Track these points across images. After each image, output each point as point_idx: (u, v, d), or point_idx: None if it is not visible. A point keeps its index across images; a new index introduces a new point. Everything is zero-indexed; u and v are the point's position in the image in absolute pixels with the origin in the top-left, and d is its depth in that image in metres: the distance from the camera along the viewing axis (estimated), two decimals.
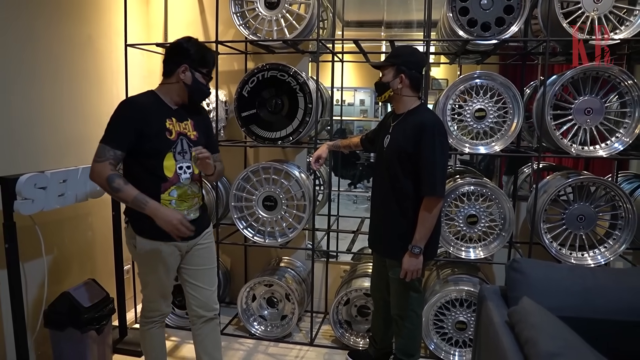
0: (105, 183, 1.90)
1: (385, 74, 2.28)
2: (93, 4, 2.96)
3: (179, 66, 2.02)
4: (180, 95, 2.08)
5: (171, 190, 2.05)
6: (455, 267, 3.06)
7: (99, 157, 1.92)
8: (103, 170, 1.91)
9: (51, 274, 2.61)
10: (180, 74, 2.02)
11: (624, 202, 2.64)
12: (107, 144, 1.93)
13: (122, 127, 1.96)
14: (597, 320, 1.84)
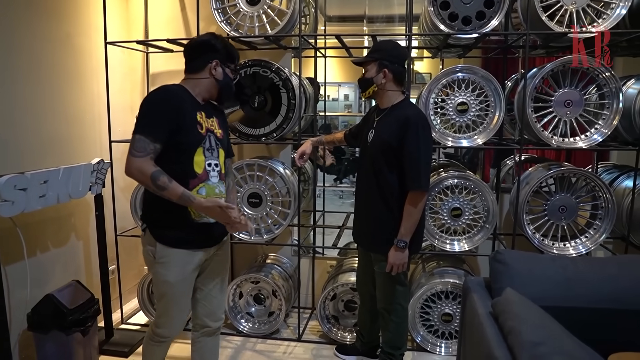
0: (149, 181, 1.78)
1: (368, 70, 2.28)
2: (71, 1, 2.91)
3: (210, 62, 1.96)
4: (209, 90, 2.00)
5: (199, 187, 1.92)
6: (440, 259, 3.09)
7: (139, 151, 1.78)
8: (145, 166, 1.78)
9: (34, 276, 2.58)
10: (211, 69, 1.96)
11: (604, 193, 2.68)
12: (147, 136, 1.79)
13: (161, 117, 1.82)
14: (579, 309, 1.87)
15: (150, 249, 1.95)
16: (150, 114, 1.83)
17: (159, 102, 1.85)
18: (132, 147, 1.78)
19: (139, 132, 1.80)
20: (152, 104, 1.85)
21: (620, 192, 2.87)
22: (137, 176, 1.80)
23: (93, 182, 2.74)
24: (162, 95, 1.87)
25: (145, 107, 1.84)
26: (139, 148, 1.78)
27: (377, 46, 2.35)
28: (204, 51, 1.97)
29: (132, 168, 1.79)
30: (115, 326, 3.05)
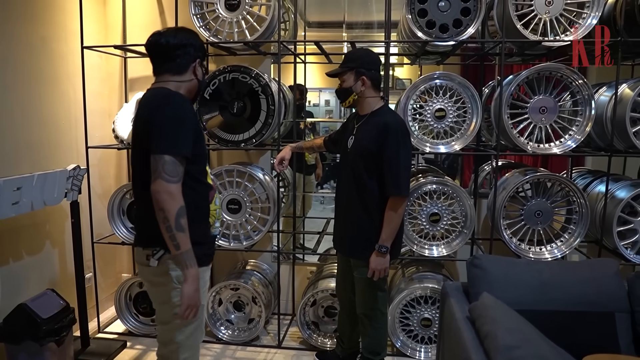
0: (174, 213, 1.56)
1: (346, 80, 2.29)
2: (46, 4, 2.86)
3: (194, 62, 1.79)
4: (191, 92, 1.84)
5: (215, 199, 1.84)
6: (419, 265, 3.11)
7: (172, 176, 1.57)
8: (178, 194, 1.58)
9: (6, 285, 2.52)
10: (195, 69, 1.80)
11: (578, 198, 2.74)
12: (176, 157, 1.58)
13: (187, 133, 1.63)
14: (554, 312, 1.91)
15: (174, 276, 1.70)
16: (173, 128, 1.61)
17: (183, 116, 1.65)
18: (163, 170, 1.56)
19: (168, 152, 1.58)
20: (176, 119, 1.62)
21: (594, 197, 2.93)
22: (165, 202, 1.56)
23: (69, 188, 2.70)
24: (183, 107, 1.67)
25: (170, 122, 1.61)
26: (172, 172, 1.57)
27: (350, 55, 2.36)
28: (187, 50, 1.78)
29: (163, 192, 1.56)
30: (91, 335, 2.99)
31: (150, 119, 1.62)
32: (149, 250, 1.71)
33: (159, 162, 1.57)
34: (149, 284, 1.83)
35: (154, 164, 1.58)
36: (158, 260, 1.69)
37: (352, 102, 2.33)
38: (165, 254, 1.69)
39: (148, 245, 1.72)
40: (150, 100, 1.72)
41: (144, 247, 1.74)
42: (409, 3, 2.69)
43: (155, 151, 1.58)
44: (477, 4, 2.66)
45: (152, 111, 1.64)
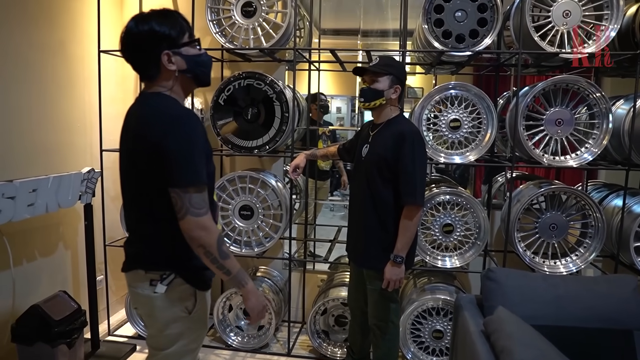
0: (215, 245, 1.43)
1: (380, 82, 2.24)
2: (65, 9, 2.90)
3: (160, 58, 1.45)
4: (186, 89, 1.57)
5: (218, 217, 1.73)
6: (431, 275, 3.09)
7: (200, 208, 1.41)
8: (212, 225, 1.44)
9: (19, 286, 2.54)
10: (168, 66, 1.46)
11: (594, 211, 2.70)
12: (200, 186, 1.42)
13: (199, 156, 1.44)
14: (570, 328, 1.88)
15: (183, 304, 1.54)
16: (193, 157, 1.41)
17: (196, 138, 1.43)
18: (190, 205, 1.40)
19: (190, 183, 1.40)
20: (189, 143, 1.42)
21: (610, 211, 2.89)
22: (202, 238, 1.41)
23: (83, 191, 2.71)
24: (193, 125, 1.44)
25: (185, 148, 1.40)
26: (199, 204, 1.41)
27: (388, 61, 2.30)
28: (142, 50, 1.47)
29: (197, 229, 1.41)
30: (102, 338, 3.00)
31: (161, 144, 1.39)
32: (156, 273, 1.50)
33: (185, 198, 1.40)
34: (148, 312, 1.57)
35: (178, 200, 1.40)
36: (167, 285, 1.49)
37: (375, 107, 2.30)
38: (177, 279, 1.51)
39: (154, 268, 1.51)
40: (146, 117, 1.47)
41: (147, 270, 1.51)
42: (425, 13, 2.69)
43: (176, 184, 1.40)
44: (494, 14, 2.65)
45: (156, 136, 1.41)
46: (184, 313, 1.54)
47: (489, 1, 2.65)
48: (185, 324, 1.56)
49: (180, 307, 1.53)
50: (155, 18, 1.45)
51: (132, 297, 1.63)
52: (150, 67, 1.48)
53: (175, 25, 1.47)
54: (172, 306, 1.53)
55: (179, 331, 1.56)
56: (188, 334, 1.57)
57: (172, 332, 1.55)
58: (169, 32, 1.45)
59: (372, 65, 2.25)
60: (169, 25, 1.46)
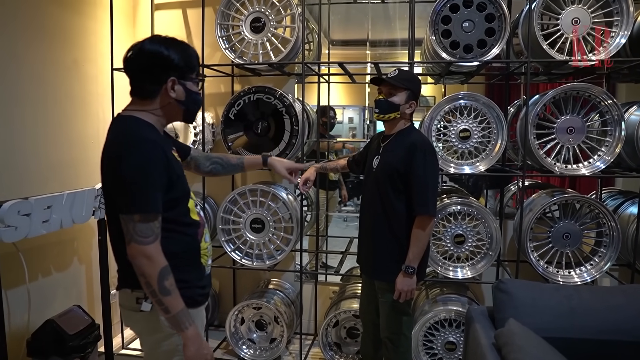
0: (156, 278, 1.40)
1: (398, 96, 2.25)
2: (79, 28, 2.97)
3: (165, 82, 1.49)
4: (172, 116, 1.59)
5: (205, 235, 1.65)
6: (443, 286, 3.06)
7: (146, 236, 1.39)
8: (157, 256, 1.41)
9: (35, 301, 2.58)
10: (169, 91, 1.50)
11: (608, 220, 2.66)
12: (147, 215, 1.40)
13: (153, 183, 1.42)
14: (583, 340, 1.85)
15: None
16: (139, 183, 1.40)
17: (143, 163, 1.41)
18: (134, 233, 1.39)
19: (136, 211, 1.39)
20: (135, 168, 1.40)
21: (625, 219, 2.85)
22: (143, 267, 1.40)
23: (96, 206, 2.76)
24: (141, 150, 1.42)
25: (127, 173, 1.39)
26: (144, 232, 1.39)
27: (408, 76, 2.31)
28: (154, 70, 1.50)
29: (140, 257, 1.40)
30: (115, 351, 3.03)
31: (115, 168, 1.41)
32: (141, 292, 1.48)
33: (129, 224, 1.39)
34: (138, 330, 1.60)
35: (125, 226, 1.41)
36: (152, 303, 1.48)
37: (389, 119, 2.32)
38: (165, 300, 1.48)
39: (139, 287, 1.46)
40: (112, 140, 1.48)
41: (133, 289, 1.51)
42: (432, 24, 2.69)
43: (123, 211, 1.41)
44: (501, 24, 2.65)
45: (113, 159, 1.43)
46: (172, 330, 1.51)
47: (496, 11, 2.65)
48: (176, 341, 1.53)
49: (167, 324, 1.50)
50: (177, 46, 1.52)
51: (123, 316, 1.62)
52: (152, 86, 1.51)
53: (190, 60, 1.54)
54: (159, 324, 1.52)
55: (172, 348, 1.54)
56: (181, 350, 1.52)
57: (165, 350, 1.55)
58: (183, 63, 1.51)
59: (391, 78, 2.25)
60: (186, 58, 1.52)
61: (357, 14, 4.04)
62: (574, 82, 2.83)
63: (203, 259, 1.63)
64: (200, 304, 1.64)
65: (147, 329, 1.55)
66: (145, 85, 1.52)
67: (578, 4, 2.61)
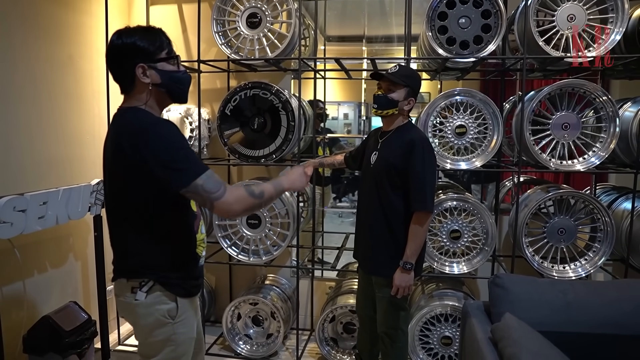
0: (252, 202, 1.50)
1: (397, 92, 2.25)
2: (74, 24, 2.95)
3: (133, 71, 1.49)
4: (160, 102, 1.58)
5: (201, 226, 1.69)
6: (439, 281, 3.08)
7: (217, 189, 1.44)
8: (239, 194, 1.49)
9: (30, 297, 2.57)
10: (142, 78, 1.50)
11: (603, 215, 2.68)
12: (202, 172, 1.43)
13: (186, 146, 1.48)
14: (579, 334, 1.87)
15: (165, 310, 1.55)
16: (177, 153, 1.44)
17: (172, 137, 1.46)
18: (207, 193, 1.42)
19: (195, 176, 1.42)
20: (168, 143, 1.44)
21: (619, 214, 2.87)
22: (239, 211, 1.49)
23: (92, 202, 2.74)
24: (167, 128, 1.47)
25: (165, 149, 1.42)
26: (213, 188, 1.43)
27: (408, 72, 2.31)
28: (119, 62, 1.51)
29: (232, 208, 1.46)
30: (112, 348, 3.02)
31: (141, 158, 1.42)
32: (136, 281, 1.54)
33: (198, 191, 1.42)
34: (133, 320, 1.61)
35: (196, 197, 1.46)
36: (147, 292, 1.52)
37: (387, 115, 2.32)
38: (155, 286, 1.54)
39: (134, 276, 1.54)
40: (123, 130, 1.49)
41: (129, 279, 1.55)
42: (429, 20, 2.70)
43: (181, 186, 1.43)
44: (497, 20, 2.65)
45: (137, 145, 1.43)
46: (166, 319, 1.55)
47: (492, 7, 2.65)
48: (170, 330, 1.57)
49: (161, 313, 1.55)
50: (136, 33, 1.51)
51: (118, 306, 1.65)
52: (126, 79, 1.52)
53: (154, 41, 1.51)
54: (153, 313, 1.55)
55: (165, 337, 1.57)
56: (174, 339, 1.58)
57: (158, 339, 1.58)
58: (147, 46, 1.49)
59: (391, 74, 2.25)
60: (148, 40, 1.50)
61: (353, 9, 4.03)
62: (569, 78, 2.84)
63: (198, 249, 1.66)
64: (193, 294, 1.67)
65: (141, 318, 1.56)
66: (120, 80, 1.53)
67: (573, 0, 2.62)
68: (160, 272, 1.54)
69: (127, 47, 1.48)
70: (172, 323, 1.56)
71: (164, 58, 1.53)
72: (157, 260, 1.54)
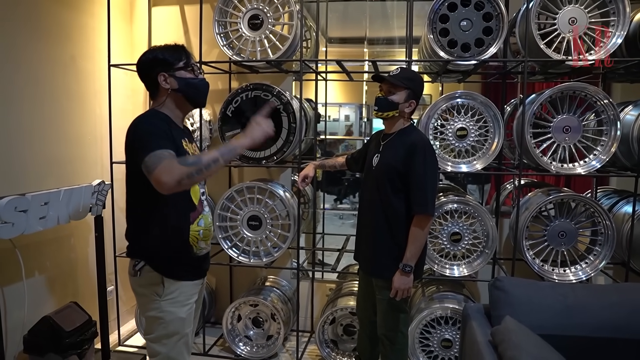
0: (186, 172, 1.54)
1: (397, 94, 2.25)
2: (76, 24, 2.96)
3: (157, 79, 1.77)
4: (180, 106, 1.83)
5: (199, 220, 1.83)
6: (440, 284, 3.08)
7: (155, 163, 1.55)
8: (171, 166, 1.54)
9: (31, 297, 2.57)
10: (163, 85, 1.77)
11: (603, 219, 2.68)
12: (159, 149, 1.58)
13: (160, 138, 1.63)
14: (579, 338, 1.87)
15: (153, 288, 1.76)
16: (147, 137, 1.63)
17: (152, 126, 1.68)
18: (150, 168, 1.56)
19: (146, 154, 1.57)
20: (144, 130, 1.66)
21: (620, 218, 2.87)
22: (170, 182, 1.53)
23: (93, 203, 2.75)
24: (151, 120, 1.72)
25: (139, 135, 1.66)
26: (154, 162, 1.55)
27: (408, 74, 2.31)
28: (145, 74, 1.81)
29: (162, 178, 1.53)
30: (112, 348, 3.02)
31: (128, 140, 1.70)
32: (134, 261, 1.80)
33: (145, 166, 1.58)
34: (135, 293, 1.86)
35: (147, 174, 1.59)
36: (139, 271, 1.77)
37: (388, 117, 2.32)
38: (146, 266, 1.76)
39: (133, 256, 1.81)
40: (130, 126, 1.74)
41: (131, 258, 1.82)
42: (430, 23, 2.70)
43: (139, 162, 1.60)
44: (499, 23, 2.66)
45: (129, 133, 1.71)
46: (155, 297, 1.77)
47: (494, 10, 2.66)
48: (159, 308, 1.77)
49: (150, 291, 1.77)
50: (159, 48, 1.82)
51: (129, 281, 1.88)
52: (151, 86, 1.83)
53: (173, 54, 1.80)
54: (144, 290, 1.79)
55: (155, 315, 1.78)
56: (163, 317, 1.77)
57: (150, 315, 1.80)
58: (167, 58, 1.79)
59: (391, 76, 2.25)
60: (168, 53, 1.80)
61: (354, 11, 4.04)
62: (570, 81, 2.85)
63: (192, 239, 1.81)
64: (183, 279, 1.81)
65: (137, 294, 1.83)
66: (148, 88, 1.85)
67: (575, 3, 2.63)
68: (150, 254, 1.77)
69: (151, 60, 1.79)
70: (159, 302, 1.76)
71: (181, 67, 1.80)
72: (148, 243, 1.77)
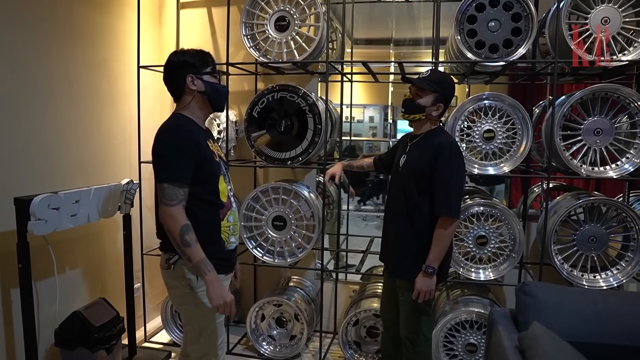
0: (178, 232, 1.73)
1: (425, 98, 2.24)
2: (108, 28, 3.03)
3: (184, 80, 1.87)
4: (203, 108, 1.94)
5: (228, 216, 1.93)
6: (465, 287, 3.04)
7: (171, 200, 1.74)
8: (178, 215, 1.74)
9: (62, 292, 2.64)
10: (190, 86, 1.87)
11: (636, 224, 2.61)
12: (174, 183, 1.75)
13: (183, 158, 1.77)
14: (609, 346, 1.82)
15: (187, 280, 1.86)
16: (168, 157, 1.77)
17: (172, 143, 1.79)
18: (163, 196, 1.74)
19: (165, 179, 1.75)
20: (169, 146, 1.78)
21: None
22: (169, 224, 1.75)
23: (122, 202, 2.81)
24: (172, 134, 1.81)
25: (163, 151, 1.78)
26: (170, 196, 1.74)
27: (437, 77, 2.29)
28: (173, 74, 1.90)
29: (165, 215, 1.75)
30: (138, 344, 3.08)
31: (153, 150, 1.82)
32: (167, 255, 1.89)
33: (159, 190, 1.76)
34: (167, 286, 1.95)
35: (157, 192, 1.79)
36: (173, 264, 1.86)
37: (414, 119, 2.31)
38: (180, 260, 1.85)
39: (166, 250, 1.89)
40: (159, 129, 1.85)
41: (164, 252, 1.92)
42: (457, 24, 2.67)
43: (156, 180, 1.78)
44: (528, 24, 2.62)
45: (154, 143, 1.82)
46: (188, 289, 1.86)
47: (523, 10, 2.62)
48: (192, 300, 1.87)
49: (183, 283, 1.86)
50: (188, 52, 1.92)
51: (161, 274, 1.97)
52: (178, 87, 1.91)
53: (201, 59, 1.91)
54: (177, 282, 1.88)
55: (189, 307, 1.90)
56: (198, 310, 1.88)
57: (184, 308, 1.94)
58: (195, 62, 1.89)
59: (419, 79, 2.24)
60: (197, 58, 1.91)
61: (381, 13, 4.02)
62: (602, 82, 2.78)
63: (224, 235, 1.92)
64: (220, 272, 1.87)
65: (169, 286, 1.94)
66: (173, 89, 1.93)
67: (608, 3, 2.56)
68: None
69: (181, 62, 1.88)
70: (193, 293, 1.86)
71: (208, 72, 1.91)
72: None
